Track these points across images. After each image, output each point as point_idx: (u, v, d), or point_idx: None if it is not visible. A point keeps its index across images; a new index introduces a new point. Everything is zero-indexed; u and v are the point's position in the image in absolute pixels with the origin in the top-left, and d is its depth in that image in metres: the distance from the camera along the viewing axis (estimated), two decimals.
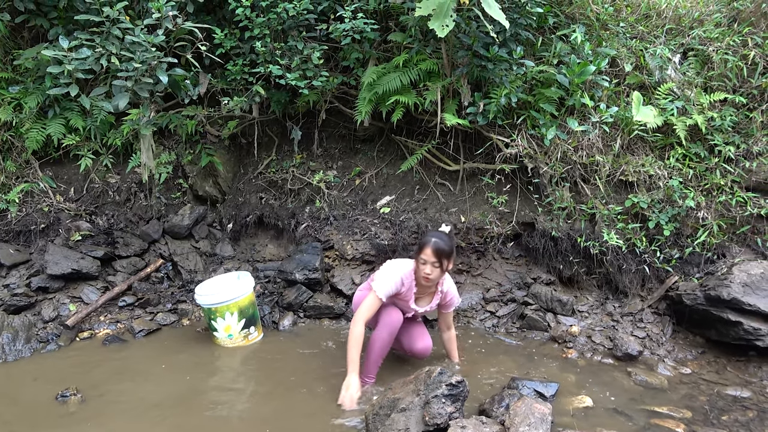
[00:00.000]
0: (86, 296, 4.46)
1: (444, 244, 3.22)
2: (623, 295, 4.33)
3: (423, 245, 3.24)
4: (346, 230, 4.72)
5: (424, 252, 3.22)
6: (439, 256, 3.20)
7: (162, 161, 5.06)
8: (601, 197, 4.36)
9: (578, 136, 4.38)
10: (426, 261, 3.22)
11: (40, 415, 3.12)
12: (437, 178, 4.88)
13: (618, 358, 3.87)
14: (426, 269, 3.23)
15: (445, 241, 3.24)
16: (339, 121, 5.18)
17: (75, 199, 5.11)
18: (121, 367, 3.71)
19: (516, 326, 4.32)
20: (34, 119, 4.97)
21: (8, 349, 3.89)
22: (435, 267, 3.22)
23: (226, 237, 5.09)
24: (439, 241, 3.22)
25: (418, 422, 2.62)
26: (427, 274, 3.23)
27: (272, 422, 3.07)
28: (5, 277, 4.55)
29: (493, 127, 4.53)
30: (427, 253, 3.21)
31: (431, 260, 3.20)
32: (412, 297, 3.43)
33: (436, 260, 3.20)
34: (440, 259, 3.20)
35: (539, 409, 2.59)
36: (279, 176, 5.11)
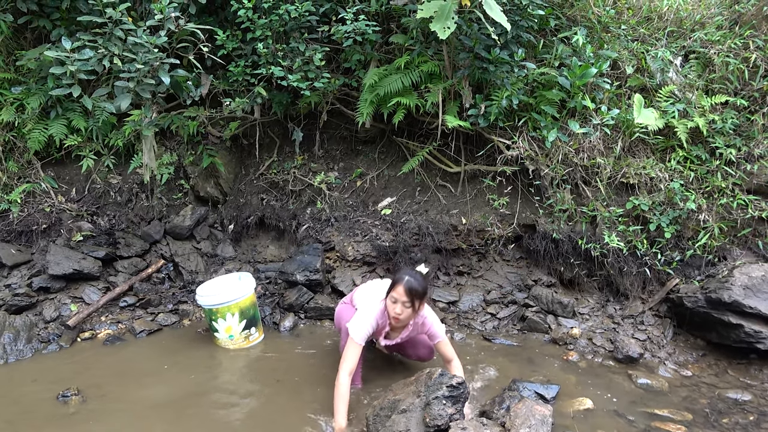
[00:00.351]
0: (87, 296, 4.46)
1: (418, 284, 3.05)
2: (624, 298, 4.33)
3: (396, 283, 3.09)
4: (347, 231, 4.72)
5: (396, 290, 3.06)
6: (411, 296, 3.03)
7: (164, 162, 5.07)
8: (602, 199, 4.37)
9: (579, 139, 4.39)
10: (397, 300, 3.06)
11: (42, 415, 3.13)
12: (438, 180, 4.88)
13: (619, 361, 3.87)
14: (396, 308, 3.08)
15: (419, 281, 3.08)
16: (340, 122, 5.19)
17: (76, 200, 5.12)
18: (121, 368, 3.71)
19: (517, 328, 4.32)
20: (36, 120, 4.99)
21: (9, 349, 3.89)
22: (406, 307, 3.06)
23: (228, 238, 5.09)
24: (412, 280, 3.05)
25: (419, 423, 2.62)
26: (397, 314, 3.08)
27: (272, 423, 3.07)
28: (7, 277, 4.55)
29: (495, 129, 4.53)
30: (399, 291, 3.05)
31: (402, 299, 3.04)
32: (383, 333, 3.32)
33: (407, 300, 3.04)
34: (412, 299, 3.04)
35: (540, 410, 2.59)
36: (280, 177, 5.12)
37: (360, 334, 3.13)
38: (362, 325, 3.16)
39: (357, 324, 3.16)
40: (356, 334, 3.13)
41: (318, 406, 3.23)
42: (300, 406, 3.24)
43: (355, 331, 3.13)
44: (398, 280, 3.09)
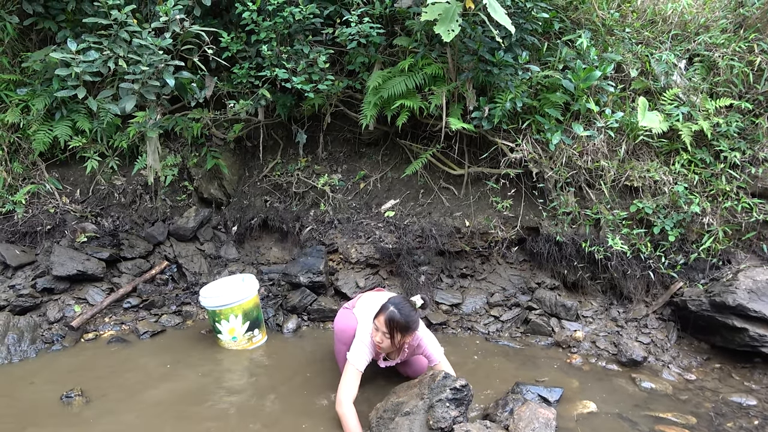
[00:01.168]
0: (91, 297, 4.47)
1: (402, 317, 2.93)
2: (628, 301, 4.32)
3: (381, 311, 3.00)
4: (351, 234, 4.72)
5: (379, 319, 2.98)
6: (390, 328, 2.94)
7: (168, 164, 5.08)
8: (606, 202, 4.36)
9: (583, 141, 4.38)
10: (378, 329, 2.99)
11: (46, 416, 3.13)
12: (442, 182, 4.89)
13: (622, 364, 3.86)
14: (377, 337, 3.01)
15: (405, 314, 2.95)
16: (344, 124, 5.20)
17: (81, 201, 5.14)
18: (125, 369, 3.71)
19: (520, 331, 4.31)
20: (41, 121, 5.01)
21: (14, 349, 3.90)
22: (386, 337, 2.97)
23: (231, 239, 5.10)
24: (396, 312, 2.93)
25: (422, 426, 2.62)
26: (378, 343, 3.02)
27: (274, 425, 3.07)
28: (11, 278, 4.57)
29: (498, 132, 4.53)
30: (380, 320, 2.97)
31: (383, 329, 2.96)
32: (381, 356, 3.28)
33: (386, 331, 2.95)
34: (392, 331, 2.94)
35: (543, 413, 2.59)
36: (284, 179, 5.13)
37: (360, 361, 3.07)
38: (361, 352, 3.08)
39: (356, 352, 3.08)
40: (356, 362, 3.06)
41: (320, 408, 3.22)
42: (303, 408, 3.24)
43: (355, 359, 3.06)
44: (383, 308, 2.99)
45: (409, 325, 2.96)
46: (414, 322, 2.99)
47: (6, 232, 4.81)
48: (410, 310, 2.99)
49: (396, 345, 3.03)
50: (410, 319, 2.96)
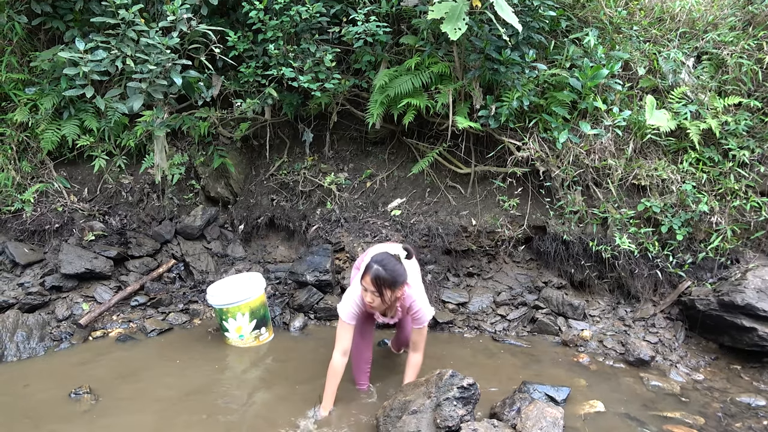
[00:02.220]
0: (99, 295, 4.50)
1: (386, 273, 2.88)
2: (635, 300, 4.30)
3: (366, 271, 2.95)
4: (357, 232, 4.72)
5: (365, 279, 2.94)
6: (378, 286, 2.89)
7: (175, 162, 5.10)
8: (614, 201, 4.34)
9: (590, 140, 4.37)
10: (366, 289, 2.96)
11: (55, 413, 3.15)
12: (448, 181, 4.88)
13: (630, 363, 3.85)
14: (367, 297, 2.98)
15: (390, 269, 2.89)
16: (350, 123, 5.20)
17: (88, 200, 5.16)
18: (133, 366, 3.73)
19: (527, 330, 4.30)
20: (49, 120, 5.04)
21: (23, 347, 3.93)
22: (375, 296, 2.94)
23: (238, 238, 5.11)
24: (380, 269, 2.88)
25: (430, 425, 2.62)
26: (369, 303, 2.99)
27: (281, 422, 3.07)
28: (20, 275, 4.60)
29: (505, 131, 4.52)
30: (367, 281, 2.93)
31: (371, 289, 2.92)
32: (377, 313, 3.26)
33: (374, 290, 2.91)
34: (379, 289, 2.90)
35: (551, 413, 2.58)
36: (290, 178, 5.14)
37: (346, 313, 3.10)
38: (347, 305, 3.11)
39: (343, 304, 3.13)
40: (343, 314, 3.11)
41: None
42: (309, 406, 3.23)
43: (342, 312, 3.11)
44: (367, 268, 2.94)
45: (395, 278, 2.90)
46: (399, 275, 2.93)
47: (15, 231, 4.84)
48: (395, 263, 2.93)
49: (387, 302, 2.97)
50: (395, 273, 2.90)
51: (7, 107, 5.15)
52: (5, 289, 4.47)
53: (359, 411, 3.16)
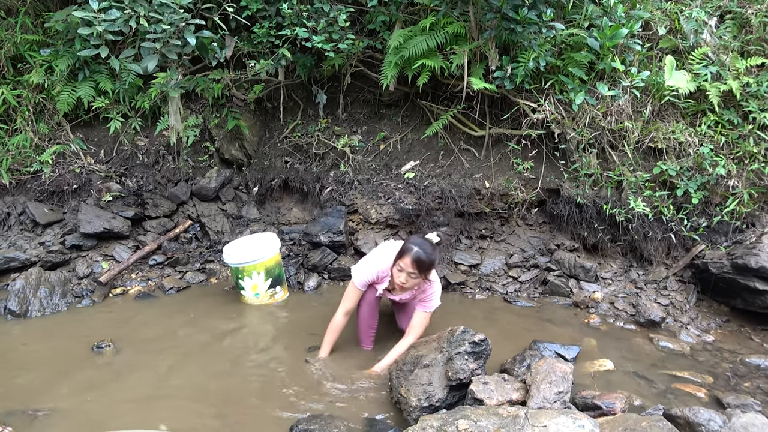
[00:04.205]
0: (118, 254, 4.60)
1: (426, 256, 3.03)
2: (648, 263, 4.31)
3: (404, 253, 3.06)
4: (371, 194, 4.75)
5: (404, 260, 3.05)
6: (418, 268, 3.03)
7: (189, 124, 5.12)
8: (629, 164, 4.31)
9: (607, 102, 4.31)
10: (403, 269, 3.06)
11: (79, 365, 3.26)
12: (462, 144, 4.86)
13: (640, 325, 3.88)
14: (401, 277, 3.08)
15: (428, 252, 3.05)
16: (364, 85, 5.17)
17: (105, 161, 5.22)
18: (152, 321, 3.84)
19: (538, 291, 4.34)
20: (64, 82, 5.06)
21: (46, 303, 4.05)
22: (412, 278, 3.07)
23: (252, 200, 5.16)
24: (420, 252, 3.02)
25: (441, 377, 2.68)
26: (402, 283, 3.10)
27: (295, 373, 3.16)
28: (41, 235, 4.70)
29: (521, 92, 4.47)
30: (406, 262, 3.04)
31: (408, 270, 3.04)
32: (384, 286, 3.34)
33: (414, 271, 3.04)
34: (419, 270, 3.04)
35: (561, 368, 2.63)
36: (304, 140, 5.14)
37: (359, 278, 3.29)
38: (363, 270, 3.30)
39: (359, 268, 3.32)
40: (356, 278, 3.29)
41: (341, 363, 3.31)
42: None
43: (356, 275, 3.30)
44: (406, 249, 3.06)
45: (433, 261, 3.11)
46: (436, 259, 3.14)
47: (34, 191, 4.92)
48: (432, 248, 3.11)
49: (424, 281, 3.18)
50: (433, 258, 3.10)
51: (23, 69, 5.17)
52: (27, 248, 4.58)
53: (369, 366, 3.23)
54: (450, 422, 2.17)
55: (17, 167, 5.01)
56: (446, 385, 2.65)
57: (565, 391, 2.54)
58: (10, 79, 5.12)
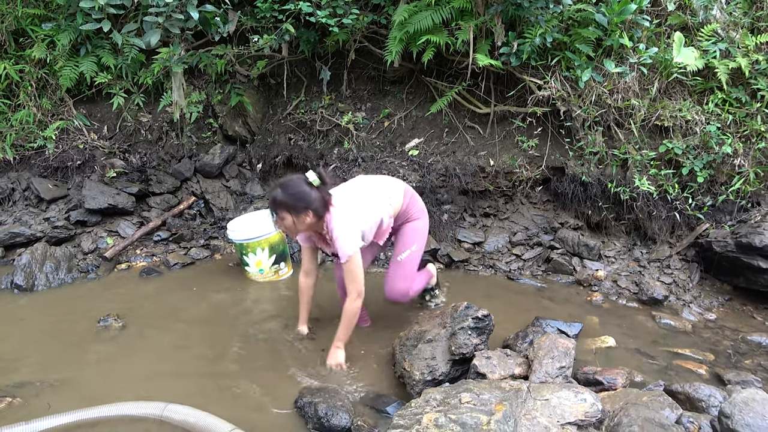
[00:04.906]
0: (122, 230, 4.62)
1: (280, 194, 2.75)
2: (651, 242, 4.31)
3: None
4: (375, 172, 4.73)
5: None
6: (276, 208, 2.79)
7: (192, 100, 5.10)
8: (635, 142, 4.28)
9: (614, 79, 4.26)
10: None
11: (85, 338, 3.30)
12: (467, 121, 4.83)
13: (643, 302, 3.89)
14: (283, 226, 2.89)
15: (290, 192, 2.74)
16: (368, 62, 5.12)
17: (108, 137, 5.21)
18: (157, 296, 3.87)
19: (541, 269, 4.35)
20: (66, 57, 5.03)
21: (52, 277, 4.08)
22: (285, 222, 2.81)
23: (256, 177, 5.16)
24: (278, 191, 2.77)
25: (444, 352, 2.70)
26: (285, 231, 2.93)
27: (299, 352, 3.19)
28: (45, 210, 4.72)
29: (527, 69, 4.43)
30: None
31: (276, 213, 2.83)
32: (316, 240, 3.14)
33: (277, 213, 2.81)
34: (276, 211, 2.80)
35: (563, 343, 2.65)
36: (308, 117, 5.12)
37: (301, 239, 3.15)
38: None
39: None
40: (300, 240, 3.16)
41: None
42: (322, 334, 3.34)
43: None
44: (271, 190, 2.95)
45: (294, 203, 2.74)
46: (300, 200, 2.73)
47: (38, 167, 4.93)
48: (300, 187, 2.74)
49: (293, 228, 2.83)
50: (296, 197, 2.73)
51: (25, 43, 5.14)
52: (32, 223, 4.61)
53: (373, 342, 3.26)
54: (453, 395, 2.20)
55: (21, 143, 5.02)
56: (449, 360, 2.67)
57: (567, 366, 2.56)
58: (12, 54, 5.10)
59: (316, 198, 2.77)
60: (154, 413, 2.54)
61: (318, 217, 2.82)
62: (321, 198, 2.79)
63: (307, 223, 2.83)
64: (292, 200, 2.75)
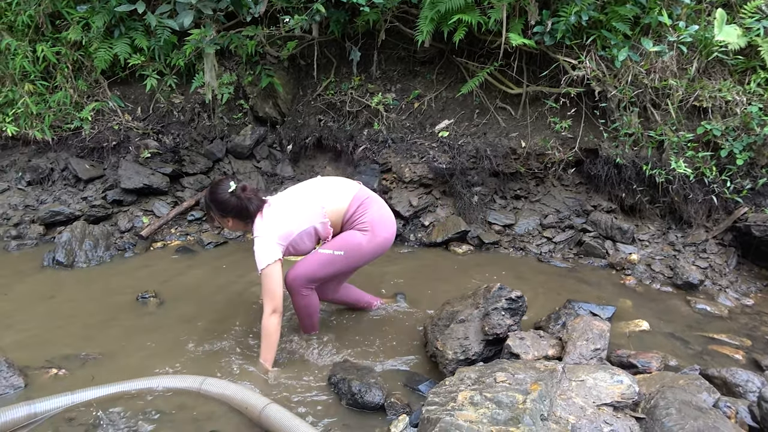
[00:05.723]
0: (157, 210, 4.71)
1: (207, 196, 2.92)
2: (687, 225, 4.22)
3: None
4: (404, 153, 4.73)
5: None
6: (204, 205, 3.12)
7: (224, 82, 5.14)
8: (672, 124, 4.18)
9: (652, 58, 4.16)
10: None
11: (126, 313, 3.39)
12: (498, 102, 4.77)
13: (677, 287, 3.83)
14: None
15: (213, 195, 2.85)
16: (398, 42, 5.08)
17: (142, 119, 5.30)
18: (192, 274, 3.95)
19: (572, 252, 4.31)
20: (101, 39, 5.11)
21: (91, 255, 4.19)
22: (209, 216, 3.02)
23: (286, 158, 5.20)
24: (205, 193, 3.06)
25: (477, 332, 2.71)
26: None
27: (331, 329, 3.23)
28: (83, 190, 4.84)
29: (561, 48, 4.34)
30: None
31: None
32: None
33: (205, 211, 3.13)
34: (205, 208, 3.04)
35: (598, 325, 2.63)
36: (337, 98, 5.12)
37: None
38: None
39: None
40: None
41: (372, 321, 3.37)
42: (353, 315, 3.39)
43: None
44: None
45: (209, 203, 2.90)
46: (218, 203, 2.82)
47: (75, 147, 5.05)
48: (222, 193, 2.81)
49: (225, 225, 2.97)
50: (215, 201, 2.84)
51: (61, 26, 5.23)
52: (71, 202, 4.73)
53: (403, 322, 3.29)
54: (488, 374, 2.21)
55: (59, 124, 5.13)
56: (482, 340, 2.68)
57: (602, 348, 2.54)
58: (49, 36, 5.19)
59: (234, 205, 2.80)
60: (192, 386, 2.61)
61: (242, 221, 2.88)
62: (240, 206, 2.80)
63: (231, 225, 2.94)
64: (213, 204, 2.88)
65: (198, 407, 2.46)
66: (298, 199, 2.91)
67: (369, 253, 2.92)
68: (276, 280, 2.73)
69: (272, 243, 2.76)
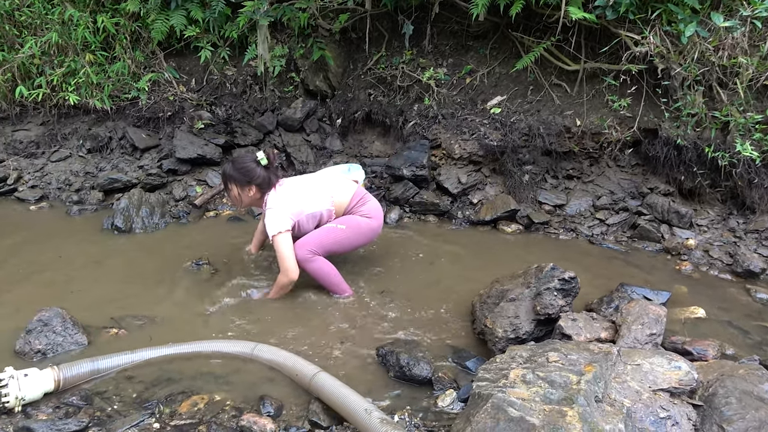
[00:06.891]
0: (210, 180, 4.82)
1: (229, 168, 3.21)
2: (750, 211, 4.04)
3: None
4: (454, 129, 4.67)
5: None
6: (224, 179, 3.27)
7: (276, 54, 5.16)
8: (739, 104, 3.97)
9: (721, 34, 3.94)
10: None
11: (181, 279, 3.50)
12: (553, 79, 4.64)
13: (737, 275, 3.69)
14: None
15: (238, 166, 3.18)
16: (452, 15, 4.98)
17: (196, 90, 5.40)
18: (243, 242, 4.02)
19: (626, 235, 4.19)
20: (158, 10, 5.19)
21: (147, 221, 4.34)
22: (229, 192, 3.30)
23: (336, 132, 5.21)
24: (229, 164, 3.24)
25: (528, 312, 2.69)
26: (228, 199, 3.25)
27: (379, 305, 3.24)
28: (139, 159, 4.99)
29: (623, 23, 4.17)
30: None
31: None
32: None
33: (223, 183, 3.31)
34: (225, 182, 3.27)
35: (654, 310, 2.56)
36: (388, 72, 5.08)
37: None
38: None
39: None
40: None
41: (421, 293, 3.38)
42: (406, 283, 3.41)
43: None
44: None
45: (240, 175, 3.16)
46: (246, 173, 3.15)
47: (132, 117, 5.20)
48: (247, 163, 3.17)
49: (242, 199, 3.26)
50: (242, 170, 3.16)
51: None
52: (128, 170, 4.89)
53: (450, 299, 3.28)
54: (540, 353, 2.19)
55: (117, 94, 5.28)
56: (533, 319, 2.65)
57: (658, 333, 2.49)
58: (109, 7, 5.32)
59: (261, 175, 3.16)
60: (244, 352, 2.69)
61: (261, 192, 3.21)
62: (266, 176, 3.18)
63: (250, 197, 3.22)
64: (238, 174, 3.17)
65: (251, 372, 2.54)
66: (311, 185, 3.34)
67: (365, 233, 3.32)
68: (288, 245, 3.08)
69: (285, 215, 3.12)
